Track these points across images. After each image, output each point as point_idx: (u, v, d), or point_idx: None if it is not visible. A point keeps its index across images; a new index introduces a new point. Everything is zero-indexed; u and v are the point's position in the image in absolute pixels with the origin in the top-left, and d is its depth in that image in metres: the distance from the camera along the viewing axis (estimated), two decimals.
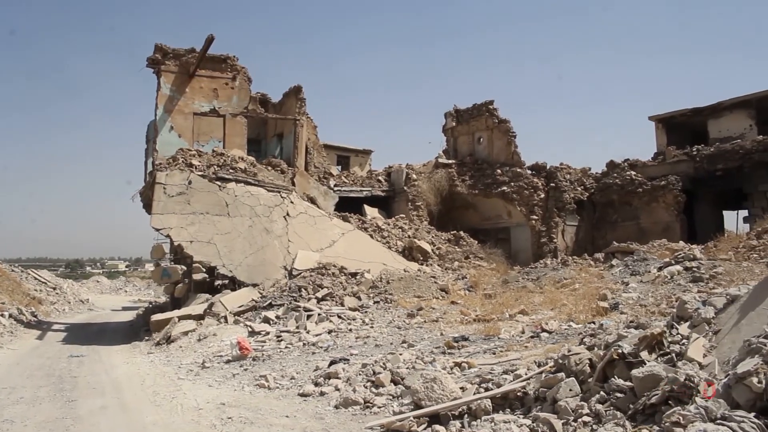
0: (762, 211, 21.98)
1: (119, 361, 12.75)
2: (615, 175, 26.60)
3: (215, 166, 19.71)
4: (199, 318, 15.46)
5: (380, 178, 27.93)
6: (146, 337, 15.62)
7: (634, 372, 4.91)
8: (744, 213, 25.05)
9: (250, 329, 13.94)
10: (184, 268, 18.24)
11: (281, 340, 12.69)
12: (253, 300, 16.37)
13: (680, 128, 29.36)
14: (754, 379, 3.87)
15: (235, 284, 17.48)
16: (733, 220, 28.43)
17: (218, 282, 17.44)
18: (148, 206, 20.02)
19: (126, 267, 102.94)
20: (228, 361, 11.21)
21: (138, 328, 18.88)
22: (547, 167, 27.11)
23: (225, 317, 15.24)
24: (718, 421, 3.69)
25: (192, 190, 18.40)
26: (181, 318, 15.42)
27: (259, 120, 25.82)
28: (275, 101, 27.10)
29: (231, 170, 19.86)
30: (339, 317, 14.51)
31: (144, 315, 22.40)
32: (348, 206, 24.72)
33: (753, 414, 3.70)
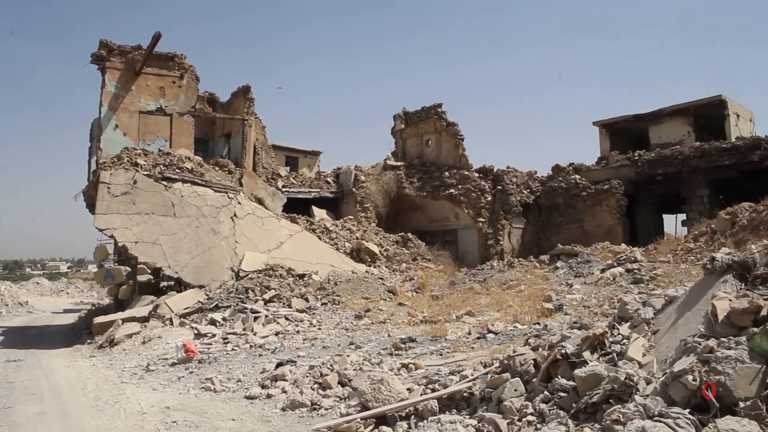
0: (699, 215, 22.70)
1: (59, 365, 12.42)
2: (560, 178, 27.14)
3: (161, 166, 19.39)
4: (143, 320, 15.18)
5: (329, 179, 27.89)
6: (88, 341, 15.25)
7: (577, 372, 5.02)
8: (682, 216, 25.85)
9: (196, 331, 13.77)
10: (129, 269, 17.87)
11: (228, 342, 12.56)
12: (199, 302, 16.15)
13: (623, 134, 30.16)
14: (690, 377, 4.01)
15: (181, 286, 17.22)
16: (673, 223, 29.31)
17: (164, 283, 17.15)
18: (91, 206, 19.59)
19: (68, 268, 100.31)
20: (173, 364, 11.04)
21: (80, 331, 18.42)
22: (494, 170, 27.51)
23: (170, 319, 15.00)
24: (656, 418, 3.82)
25: (137, 190, 18.07)
26: (125, 320, 15.12)
27: (206, 119, 25.52)
28: (223, 101, 26.81)
29: (177, 170, 19.57)
30: (286, 319, 14.44)
31: (86, 317, 21.86)
32: (296, 207, 24.63)
33: (688, 410, 3.83)
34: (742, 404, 3.68)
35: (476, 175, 27.28)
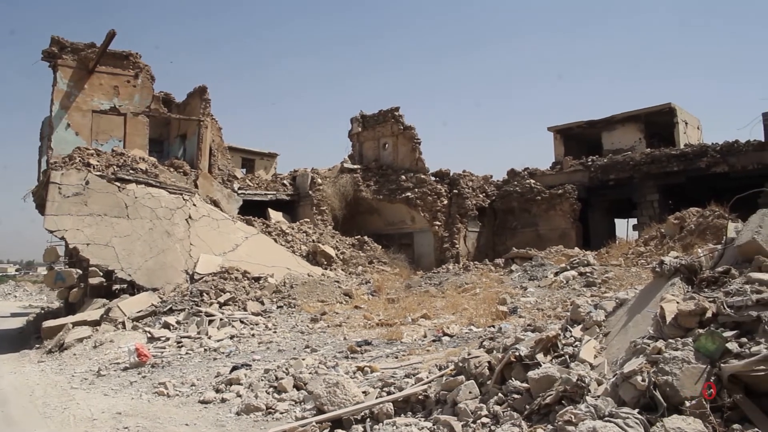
0: (649, 220, 23.21)
1: (5, 371, 12.05)
2: (515, 183, 27.46)
3: (115, 167, 19.06)
4: (95, 324, 14.87)
5: (285, 181, 27.74)
6: (37, 345, 14.85)
7: (531, 374, 5.08)
8: (634, 221, 26.37)
9: (149, 335, 13.55)
10: (80, 271, 17.49)
11: (182, 346, 12.40)
12: (152, 305, 15.90)
13: (577, 139, 30.69)
14: (639, 378, 4.10)
15: (134, 289, 16.92)
16: (624, 227, 29.93)
17: (116, 286, 16.84)
18: (41, 207, 19.15)
19: (16, 271, 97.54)
20: (125, 369, 10.85)
21: (28, 336, 17.94)
22: (451, 174, 27.70)
23: (123, 323, 14.74)
24: (606, 418, 3.90)
25: (89, 191, 17.73)
26: (75, 324, 14.79)
27: (161, 120, 25.13)
28: (179, 101, 26.45)
29: (131, 171, 19.26)
30: (242, 322, 14.32)
31: (35, 321, 21.32)
32: (252, 210, 24.44)
33: (637, 410, 3.93)
34: (688, 403, 3.79)
35: (432, 178, 27.45)
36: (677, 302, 4.80)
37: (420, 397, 6.39)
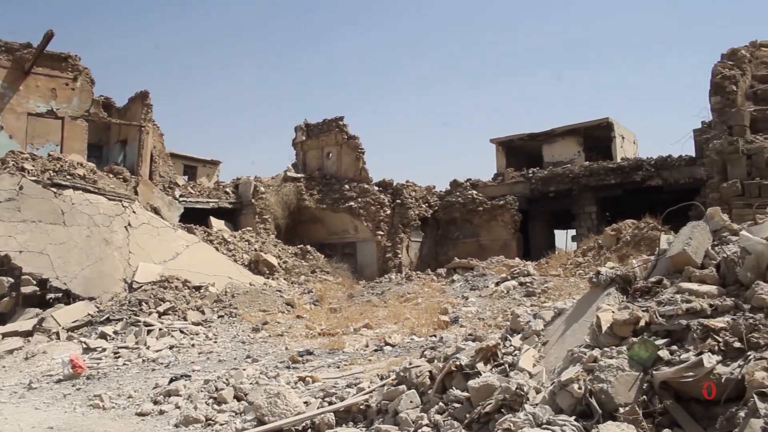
0: (588, 231, 23.79)
1: None
2: (458, 193, 27.77)
3: (51, 172, 18.54)
4: (27, 335, 14.37)
5: (228, 189, 27.43)
6: None
7: (471, 383, 5.13)
8: (572, 232, 26.95)
9: (84, 346, 13.18)
10: (11, 280, 16.91)
11: (119, 357, 12.10)
12: (89, 314, 15.48)
13: (518, 151, 31.26)
14: (575, 386, 4.19)
15: (69, 298, 16.42)
16: (563, 238, 30.55)
17: (51, 295, 16.32)
18: None
19: None
20: (59, 381, 10.50)
21: None
22: (394, 184, 27.86)
23: (57, 333, 14.29)
24: (544, 426, 3.97)
25: (23, 197, 17.19)
26: (5, 335, 14.27)
27: (101, 125, 24.58)
28: (120, 106, 25.93)
29: (68, 176, 18.76)
30: (181, 332, 14.08)
31: None
32: (194, 218, 24.07)
33: (573, 417, 4.02)
34: (622, 410, 3.89)
35: (376, 188, 27.57)
36: (612, 312, 4.93)
37: (361, 407, 6.39)
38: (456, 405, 5.17)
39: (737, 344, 3.95)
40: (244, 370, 9.21)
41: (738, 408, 3.49)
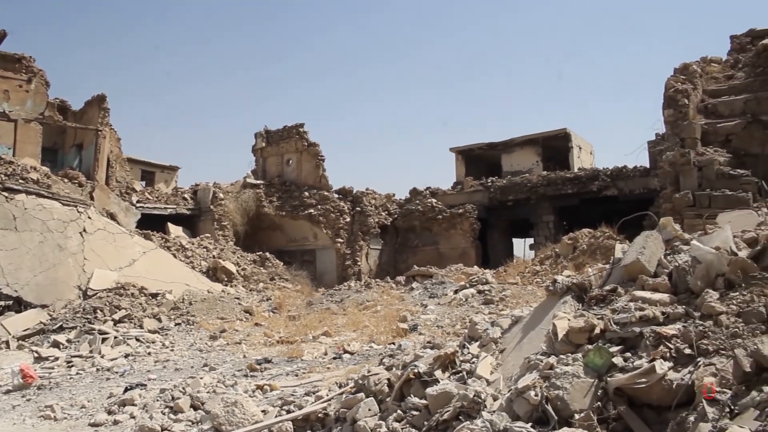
0: (545, 240, 24.10)
1: None
2: (417, 201, 27.91)
3: (2, 175, 18.09)
4: None
5: (186, 195, 27.15)
6: None
7: (429, 390, 5.15)
8: (530, 241, 27.30)
9: (36, 355, 12.87)
10: None
11: (72, 366, 11.84)
12: (41, 322, 15.14)
13: (478, 160, 31.57)
14: (532, 393, 4.24)
15: (21, 305, 16.04)
16: (522, 247, 30.93)
17: (1, 303, 15.96)
18: None
19: None
20: (8, 392, 10.20)
21: None
22: (354, 192, 27.90)
23: (7, 342, 13.94)
24: None
25: None
26: None
27: (56, 128, 24.10)
28: (76, 109, 25.47)
29: (21, 180, 18.34)
30: (137, 340, 13.85)
31: None
32: (151, 224, 23.73)
33: (530, 424, 4.06)
34: (577, 416, 3.95)
35: (336, 196, 27.57)
36: (568, 319, 5.00)
37: (320, 415, 6.36)
38: (414, 413, 5.18)
39: (688, 351, 4.05)
40: (201, 378, 9.11)
41: (688, 413, 3.59)
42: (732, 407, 3.40)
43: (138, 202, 24.18)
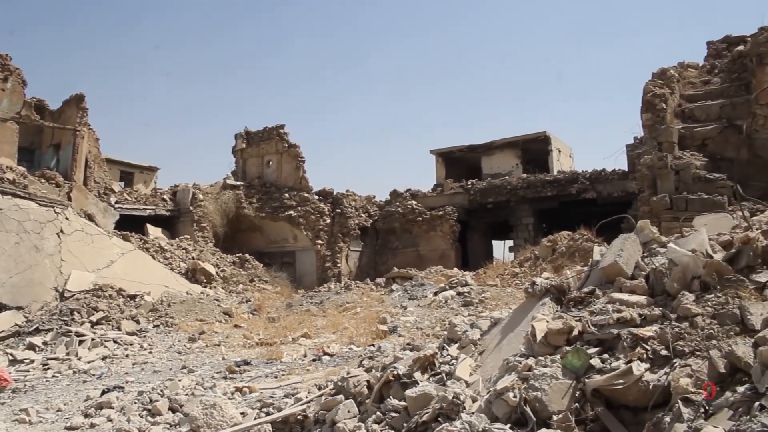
0: (524, 242, 24.24)
1: None
2: (397, 203, 27.94)
3: None
4: None
5: (165, 196, 26.95)
6: None
7: (408, 392, 5.16)
8: (510, 243, 27.42)
9: (11, 357, 12.70)
10: None
11: (48, 369, 11.70)
12: (16, 325, 14.94)
13: (458, 163, 31.66)
14: (511, 394, 4.26)
15: None
16: (501, 249, 31.08)
17: None
18: None
19: None
20: None
21: None
22: (334, 193, 27.89)
23: None
24: None
25: None
26: None
27: (33, 127, 23.80)
28: (53, 109, 25.20)
29: None
30: (115, 342, 13.73)
31: None
32: (130, 225, 23.53)
33: (509, 425, 4.09)
34: (555, 417, 3.98)
35: (316, 197, 27.54)
36: (547, 321, 5.04)
37: (299, 417, 6.35)
38: (393, 414, 5.19)
39: (664, 352, 4.10)
40: (179, 380, 9.05)
41: (664, 413, 3.63)
42: (707, 408, 3.44)
43: (116, 203, 23.97)
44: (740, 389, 3.40)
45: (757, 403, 3.13)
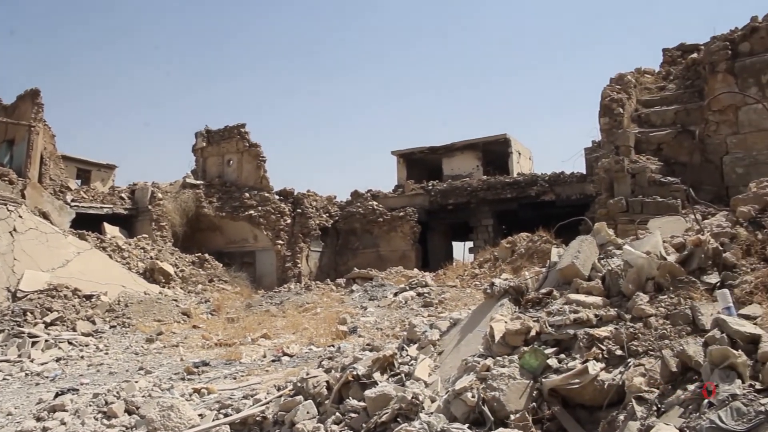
0: (484, 243, 24.45)
1: None
2: (358, 204, 27.95)
3: None
4: None
5: (123, 195, 26.52)
6: None
7: (367, 392, 5.17)
8: (470, 244, 27.64)
9: None
10: None
11: None
12: None
13: (419, 164, 31.81)
14: (469, 394, 4.31)
15: None
16: (461, 250, 31.31)
17: None
18: None
19: None
20: None
21: None
22: (295, 193, 27.77)
23: None
24: None
25: None
26: None
27: None
28: (7, 104, 24.63)
29: None
30: (70, 343, 13.46)
31: None
32: (87, 224, 23.10)
33: (467, 425, 4.13)
34: (513, 417, 4.03)
35: (277, 197, 27.39)
36: (505, 322, 5.10)
37: (257, 418, 6.31)
38: (353, 415, 5.20)
39: (619, 352, 4.19)
40: (136, 382, 8.92)
41: (618, 412, 3.71)
42: (659, 406, 3.53)
43: (73, 201, 23.52)
44: (691, 387, 3.49)
45: (706, 401, 3.22)
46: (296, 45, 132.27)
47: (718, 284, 4.50)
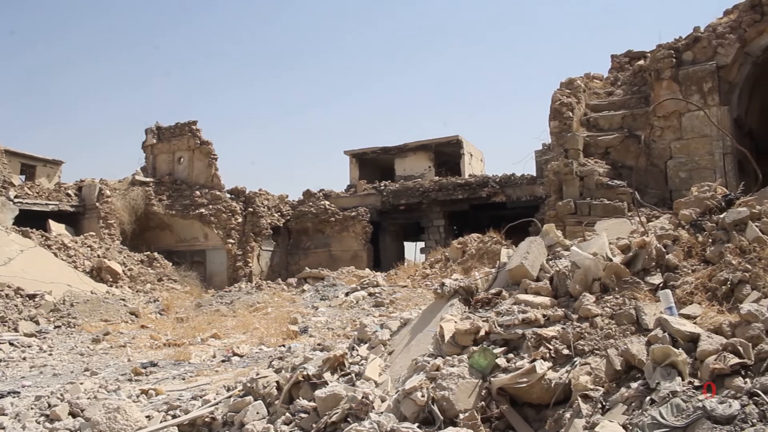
0: (436, 243, 24.65)
1: None
2: (310, 203, 27.87)
3: None
4: None
5: (70, 192, 25.89)
6: None
7: (318, 393, 5.17)
8: (421, 244, 27.81)
9: None
10: None
11: None
12: None
13: (371, 164, 31.87)
14: (419, 394, 4.34)
15: None
16: (413, 250, 31.48)
17: None
18: None
19: None
20: None
21: None
22: (246, 192, 27.54)
23: None
24: None
25: None
26: None
27: None
28: None
29: None
30: (11, 344, 13.09)
31: None
32: (31, 221, 22.50)
33: (417, 425, 4.16)
34: (462, 416, 4.08)
35: (228, 196, 27.12)
36: (455, 322, 5.15)
37: (206, 419, 6.25)
38: (303, 415, 5.19)
39: (566, 351, 4.28)
40: (81, 384, 8.72)
41: (564, 410, 3.79)
42: (604, 403, 3.62)
43: (16, 197, 22.89)
44: (634, 385, 3.59)
45: (648, 398, 3.32)
46: (249, 41, 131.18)
47: (661, 285, 4.63)
